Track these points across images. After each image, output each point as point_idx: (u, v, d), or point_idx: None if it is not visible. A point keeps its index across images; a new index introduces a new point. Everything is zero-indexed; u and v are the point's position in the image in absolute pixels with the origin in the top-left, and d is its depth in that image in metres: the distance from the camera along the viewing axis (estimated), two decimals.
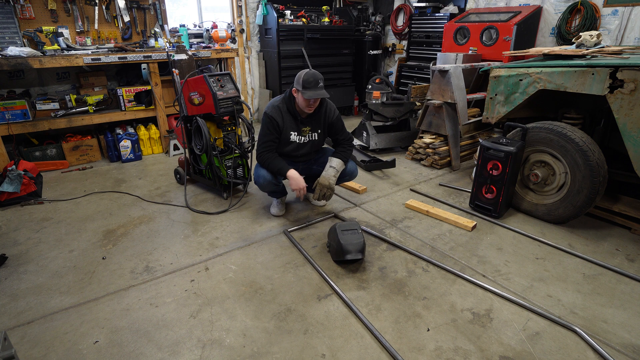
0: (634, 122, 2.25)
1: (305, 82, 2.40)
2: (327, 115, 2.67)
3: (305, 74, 2.42)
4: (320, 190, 2.60)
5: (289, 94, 2.57)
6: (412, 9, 5.82)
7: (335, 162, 2.64)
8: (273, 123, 2.55)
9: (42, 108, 3.81)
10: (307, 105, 2.49)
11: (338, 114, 2.72)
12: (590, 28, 4.03)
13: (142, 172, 3.80)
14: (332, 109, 2.70)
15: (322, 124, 2.69)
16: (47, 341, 1.72)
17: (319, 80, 2.44)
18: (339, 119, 2.72)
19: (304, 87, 2.41)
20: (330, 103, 2.72)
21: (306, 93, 2.40)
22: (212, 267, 2.25)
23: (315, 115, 2.64)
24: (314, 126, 2.67)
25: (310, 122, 2.65)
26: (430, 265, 2.25)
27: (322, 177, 2.61)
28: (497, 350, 1.66)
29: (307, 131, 2.67)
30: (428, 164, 3.85)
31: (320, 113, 2.65)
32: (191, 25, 4.96)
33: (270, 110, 2.57)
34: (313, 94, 2.41)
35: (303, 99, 2.45)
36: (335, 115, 2.70)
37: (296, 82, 2.47)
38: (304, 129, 2.66)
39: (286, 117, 2.58)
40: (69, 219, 2.83)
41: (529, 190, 2.84)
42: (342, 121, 2.76)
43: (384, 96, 4.68)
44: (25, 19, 3.82)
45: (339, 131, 2.73)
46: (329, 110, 2.68)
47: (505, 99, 2.87)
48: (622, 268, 2.21)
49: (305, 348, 1.68)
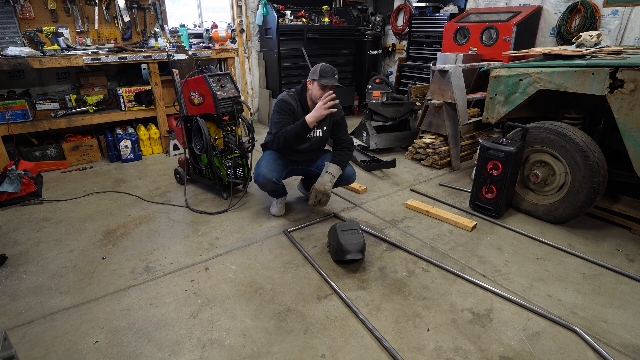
0: (634, 122, 2.25)
1: (322, 71, 2.50)
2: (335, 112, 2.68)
3: (322, 65, 2.53)
4: (315, 196, 2.62)
5: (302, 87, 2.64)
6: (412, 9, 5.82)
7: (332, 168, 2.63)
8: (289, 107, 2.59)
9: (42, 108, 3.81)
10: (322, 95, 2.52)
11: (343, 114, 2.77)
12: (590, 28, 4.03)
13: (142, 172, 3.80)
14: (339, 107, 2.71)
15: (329, 120, 2.70)
16: (47, 341, 1.72)
17: (335, 72, 2.54)
18: (343, 119, 2.76)
19: (321, 76, 2.49)
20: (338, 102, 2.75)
21: (323, 80, 2.48)
22: (212, 267, 2.25)
23: None
24: (321, 122, 2.67)
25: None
26: (430, 265, 2.26)
27: (318, 182, 2.62)
28: (497, 350, 1.66)
29: (314, 126, 2.66)
30: (428, 164, 3.85)
31: None
32: (191, 25, 4.96)
33: (284, 96, 2.63)
34: (329, 81, 2.49)
35: (318, 88, 2.51)
36: (341, 114, 2.74)
37: (312, 73, 2.55)
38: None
39: (297, 109, 2.63)
40: (69, 219, 2.83)
41: (529, 190, 2.84)
42: (346, 122, 2.79)
43: (384, 96, 4.68)
44: (25, 19, 3.81)
45: (341, 131, 2.75)
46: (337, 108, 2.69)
47: (505, 99, 2.87)
48: (622, 268, 2.21)
49: (305, 348, 1.68)
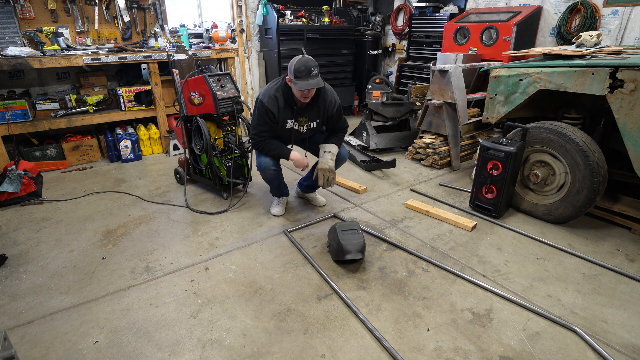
0: (634, 122, 2.25)
1: (297, 71, 2.21)
2: (326, 107, 2.51)
3: (296, 62, 2.22)
4: (323, 175, 2.50)
5: (285, 82, 2.40)
6: (412, 9, 5.81)
7: (329, 147, 2.55)
8: (269, 115, 2.41)
9: (42, 108, 3.81)
10: (302, 95, 2.33)
11: (338, 105, 2.54)
12: (590, 28, 4.03)
13: (142, 172, 3.80)
14: (332, 101, 2.51)
15: (321, 115, 2.53)
16: (47, 341, 1.72)
17: (312, 68, 2.23)
18: (338, 111, 2.56)
19: (296, 77, 2.23)
20: (330, 93, 2.52)
21: (298, 84, 2.23)
22: (212, 267, 2.25)
23: (312, 106, 2.48)
24: (312, 116, 2.52)
25: (307, 112, 2.50)
26: (430, 265, 2.25)
27: (320, 163, 2.52)
28: (497, 350, 1.66)
29: (304, 121, 2.53)
30: (428, 164, 3.85)
31: (318, 104, 2.49)
32: (191, 25, 4.96)
33: (266, 100, 2.39)
34: (305, 85, 2.22)
35: (296, 90, 2.30)
36: (335, 107, 2.52)
37: (289, 71, 2.29)
38: (301, 119, 2.51)
39: (282, 107, 2.43)
40: (69, 219, 2.83)
41: (529, 190, 2.84)
42: (341, 110, 2.61)
43: (384, 96, 4.68)
44: (25, 19, 3.81)
45: (337, 122, 2.60)
46: (329, 103, 2.51)
47: (505, 99, 2.87)
48: (622, 268, 2.21)
49: (305, 348, 1.68)
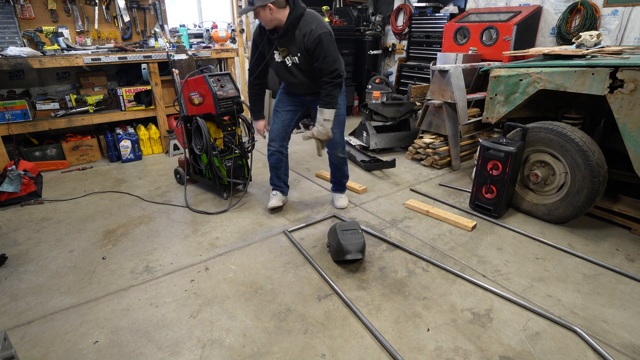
0: (634, 122, 2.25)
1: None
2: (304, 38, 2.27)
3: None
4: (321, 144, 2.49)
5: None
6: (412, 9, 5.82)
7: (319, 113, 2.44)
8: (254, 44, 2.52)
9: (42, 108, 3.81)
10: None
11: (319, 39, 2.23)
12: (590, 28, 4.03)
13: (142, 172, 3.80)
14: (311, 31, 2.24)
15: (300, 48, 2.33)
16: (47, 341, 1.72)
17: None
18: (319, 46, 2.24)
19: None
20: (312, 23, 2.27)
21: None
22: (212, 267, 2.25)
23: (287, 35, 2.33)
24: (291, 49, 2.37)
25: (284, 42, 2.37)
26: (430, 265, 2.25)
27: (318, 132, 2.43)
28: (497, 350, 1.66)
29: (285, 52, 2.41)
30: (428, 164, 3.85)
31: (295, 35, 2.31)
32: (191, 25, 4.96)
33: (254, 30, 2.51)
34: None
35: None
36: (314, 39, 2.23)
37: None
38: (281, 49, 2.42)
39: (259, 34, 2.47)
40: (69, 219, 2.83)
41: (529, 190, 2.84)
42: (327, 49, 2.26)
43: (384, 96, 4.68)
44: (25, 19, 3.81)
45: (319, 60, 2.29)
46: (307, 34, 2.25)
47: (505, 99, 2.87)
48: (622, 268, 2.21)
49: (305, 348, 1.68)
